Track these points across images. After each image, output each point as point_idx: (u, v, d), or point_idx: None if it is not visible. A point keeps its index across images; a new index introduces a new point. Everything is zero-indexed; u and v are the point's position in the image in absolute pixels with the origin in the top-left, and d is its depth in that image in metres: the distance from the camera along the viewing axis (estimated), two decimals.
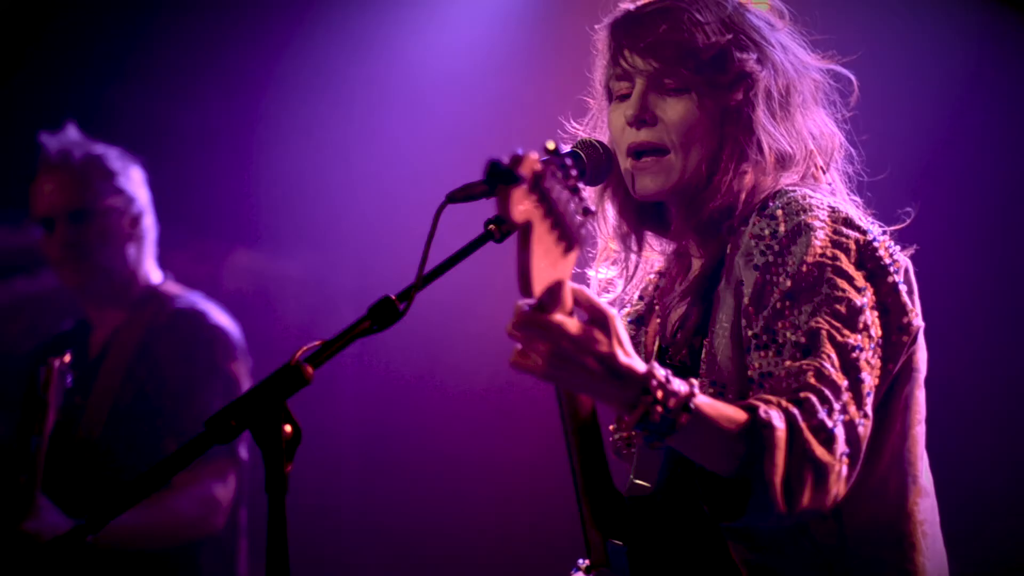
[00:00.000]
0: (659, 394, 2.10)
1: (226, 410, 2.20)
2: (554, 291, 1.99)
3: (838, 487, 2.23)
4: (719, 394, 2.40)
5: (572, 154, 2.52)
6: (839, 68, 2.67)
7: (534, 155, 1.92)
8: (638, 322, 2.73)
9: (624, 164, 2.58)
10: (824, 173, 2.61)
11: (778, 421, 2.19)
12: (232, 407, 2.20)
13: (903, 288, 2.44)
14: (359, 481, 5.88)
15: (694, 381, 2.16)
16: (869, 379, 2.31)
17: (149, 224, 4.51)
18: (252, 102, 5.76)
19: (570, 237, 1.98)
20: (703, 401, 2.15)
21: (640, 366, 2.10)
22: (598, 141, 2.57)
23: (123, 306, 4.40)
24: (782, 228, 2.40)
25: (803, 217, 2.40)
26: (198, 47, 5.76)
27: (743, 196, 2.52)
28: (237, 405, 2.20)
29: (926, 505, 2.48)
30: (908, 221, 2.57)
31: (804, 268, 2.35)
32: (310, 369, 2.22)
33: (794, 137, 2.55)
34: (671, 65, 2.52)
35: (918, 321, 2.45)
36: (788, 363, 2.29)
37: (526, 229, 1.92)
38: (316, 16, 5.74)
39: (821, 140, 2.61)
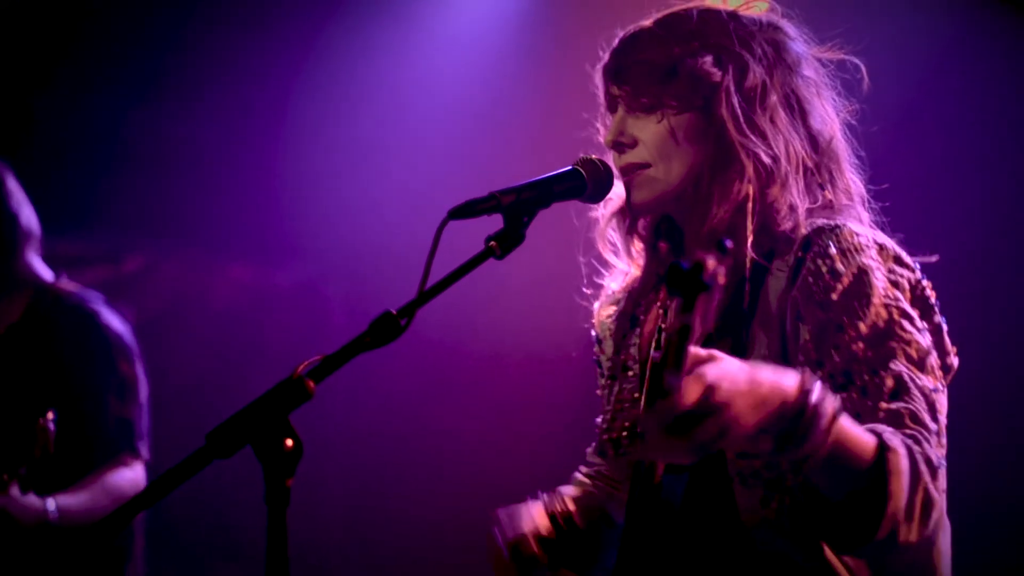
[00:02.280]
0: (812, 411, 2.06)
1: (227, 423, 2.21)
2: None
3: (936, 523, 2.23)
4: None
5: (572, 172, 2.54)
6: (847, 56, 2.67)
7: (711, 260, 1.90)
8: (632, 321, 2.73)
9: (622, 185, 2.61)
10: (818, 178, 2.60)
11: (901, 448, 2.17)
12: (233, 420, 2.21)
13: (945, 328, 2.47)
14: (348, 489, 5.88)
15: (836, 395, 2.12)
16: (944, 421, 2.34)
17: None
18: (243, 116, 5.76)
19: (708, 324, 1.95)
20: (845, 420, 2.12)
21: (789, 381, 2.05)
22: (598, 159, 2.59)
23: (15, 304, 4.30)
24: (840, 266, 2.40)
25: (860, 258, 2.40)
26: (193, 63, 5.77)
27: (752, 207, 2.50)
28: (238, 418, 2.21)
29: (947, 539, 2.51)
30: (936, 258, 2.57)
31: (873, 311, 2.36)
32: (312, 384, 2.23)
33: (776, 142, 2.53)
34: (641, 85, 2.55)
35: (957, 362, 2.48)
36: (884, 405, 2.29)
37: (691, 328, 1.88)
38: (305, 32, 5.76)
39: (820, 140, 2.59)
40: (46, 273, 4.36)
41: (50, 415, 3.84)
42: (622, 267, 2.76)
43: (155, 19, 5.80)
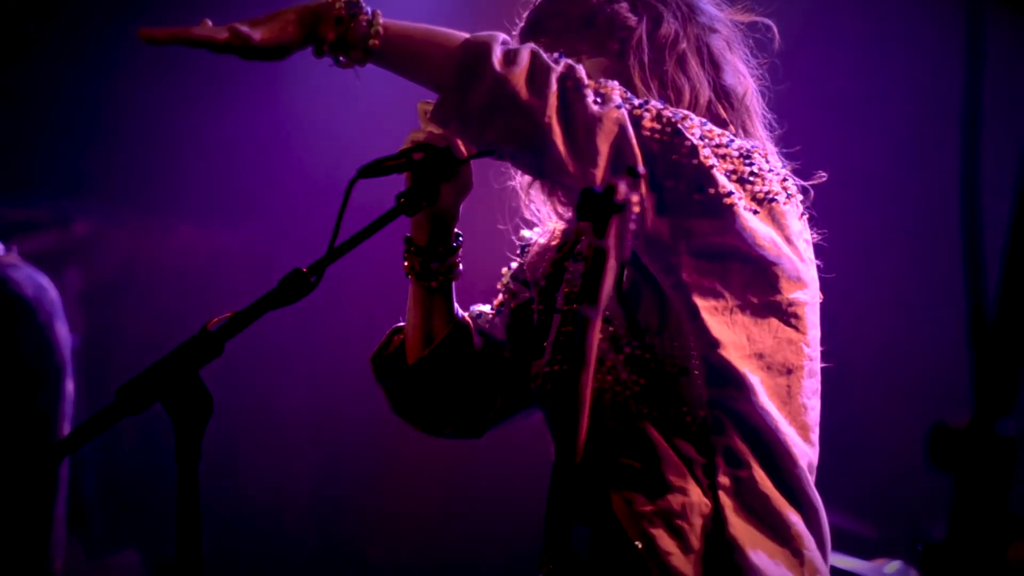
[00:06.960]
0: None
1: (137, 379, 2.22)
2: None
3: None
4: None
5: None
6: (758, 18, 2.67)
7: (623, 185, 1.86)
8: (568, 261, 2.72)
9: None
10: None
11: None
12: (144, 376, 2.22)
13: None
14: (310, 463, 5.88)
15: None
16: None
17: None
18: (187, 76, 5.73)
19: (624, 252, 1.86)
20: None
21: None
22: None
23: None
24: None
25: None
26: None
27: None
28: (148, 374, 2.22)
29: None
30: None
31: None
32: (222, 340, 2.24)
33: (682, 90, 2.55)
34: (558, 36, 2.56)
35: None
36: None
37: (606, 252, 1.80)
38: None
39: (734, 95, 2.59)
40: None
41: None
42: (550, 226, 2.76)
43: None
